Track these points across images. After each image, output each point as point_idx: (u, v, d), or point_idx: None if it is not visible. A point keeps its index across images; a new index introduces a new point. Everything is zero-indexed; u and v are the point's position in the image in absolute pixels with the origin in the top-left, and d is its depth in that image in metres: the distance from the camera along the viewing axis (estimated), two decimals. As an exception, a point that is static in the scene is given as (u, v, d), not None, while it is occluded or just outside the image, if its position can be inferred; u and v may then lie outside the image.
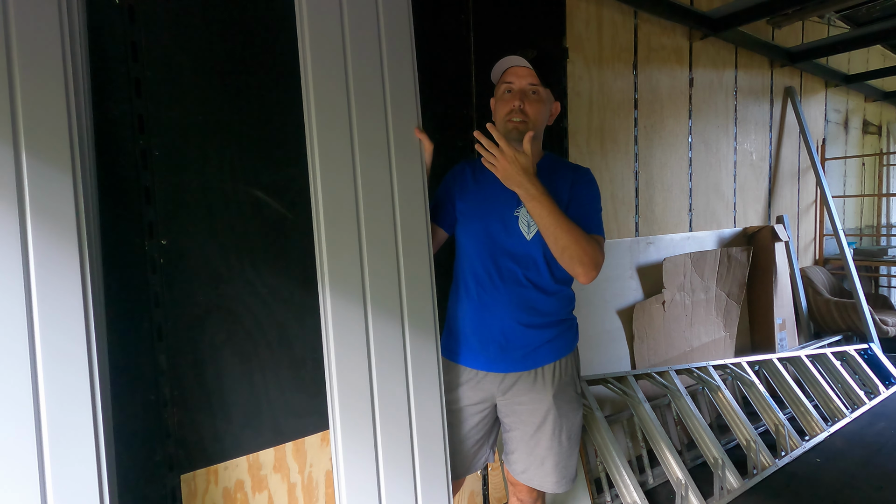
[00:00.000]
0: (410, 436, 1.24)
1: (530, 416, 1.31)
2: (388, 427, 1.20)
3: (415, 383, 1.24)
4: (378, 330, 1.20)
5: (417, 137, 1.28)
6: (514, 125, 1.23)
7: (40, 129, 0.93)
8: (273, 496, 1.44)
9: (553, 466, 1.32)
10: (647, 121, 2.73)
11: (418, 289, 1.26)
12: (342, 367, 1.15)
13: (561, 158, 1.38)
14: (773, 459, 2.42)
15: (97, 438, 0.92)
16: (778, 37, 3.60)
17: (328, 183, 1.15)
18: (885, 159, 5.31)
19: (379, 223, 1.21)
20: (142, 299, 1.22)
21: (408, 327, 1.24)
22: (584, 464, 2.01)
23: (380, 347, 1.20)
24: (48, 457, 0.87)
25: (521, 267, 1.28)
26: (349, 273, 1.17)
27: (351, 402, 1.16)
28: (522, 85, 1.24)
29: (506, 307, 1.29)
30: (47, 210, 0.92)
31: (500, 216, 1.28)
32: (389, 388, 1.21)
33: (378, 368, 1.19)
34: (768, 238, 3.41)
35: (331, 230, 1.15)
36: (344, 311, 1.16)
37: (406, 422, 1.23)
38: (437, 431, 1.27)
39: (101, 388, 0.95)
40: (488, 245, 1.29)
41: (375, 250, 1.20)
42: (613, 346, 2.58)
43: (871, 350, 3.64)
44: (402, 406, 1.23)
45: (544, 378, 1.31)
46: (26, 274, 0.89)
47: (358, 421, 1.17)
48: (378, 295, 1.20)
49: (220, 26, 1.31)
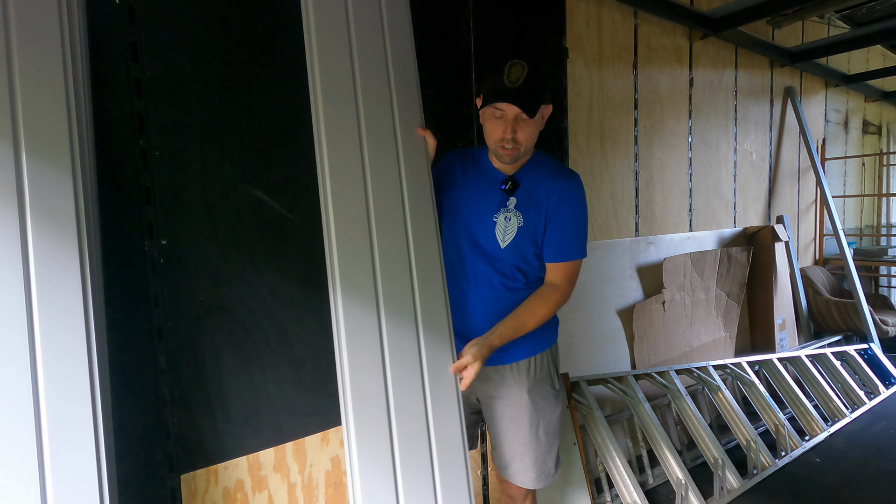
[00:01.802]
0: (430, 449, 1.16)
1: (506, 410, 1.33)
2: (406, 441, 1.13)
3: (432, 394, 1.18)
4: (391, 333, 1.16)
5: (421, 135, 1.28)
6: (507, 152, 1.20)
7: (40, 129, 0.93)
8: (273, 496, 1.44)
9: (532, 462, 1.33)
10: (647, 121, 2.73)
11: (430, 290, 1.22)
12: (355, 373, 1.10)
13: (549, 159, 1.33)
14: (773, 459, 2.42)
15: (97, 438, 0.92)
16: (778, 37, 3.60)
17: (337, 186, 1.14)
18: (885, 159, 5.31)
19: (389, 223, 1.19)
20: (142, 299, 1.22)
21: (422, 329, 1.19)
22: (584, 464, 2.01)
23: (394, 350, 1.15)
24: (48, 457, 0.87)
25: (496, 270, 1.29)
26: (361, 276, 1.14)
27: (365, 409, 1.10)
28: (514, 113, 1.16)
29: (479, 306, 1.30)
30: (47, 210, 0.92)
31: (479, 218, 1.29)
32: (405, 398, 1.15)
33: (393, 375, 1.14)
34: (768, 238, 3.41)
35: (341, 232, 1.13)
36: (356, 315, 1.12)
37: (424, 432, 1.16)
38: (457, 445, 1.19)
39: (101, 388, 0.95)
40: (466, 243, 1.30)
41: (387, 251, 1.17)
42: (613, 346, 2.58)
43: (871, 350, 3.64)
44: (419, 416, 1.16)
45: (519, 373, 1.32)
46: (26, 274, 0.88)
47: (373, 429, 1.10)
48: (390, 297, 1.16)
49: (220, 26, 1.31)
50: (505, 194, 1.27)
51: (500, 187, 1.28)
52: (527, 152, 1.25)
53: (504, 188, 1.27)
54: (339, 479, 1.57)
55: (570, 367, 2.33)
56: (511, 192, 1.27)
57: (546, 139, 2.21)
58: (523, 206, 1.26)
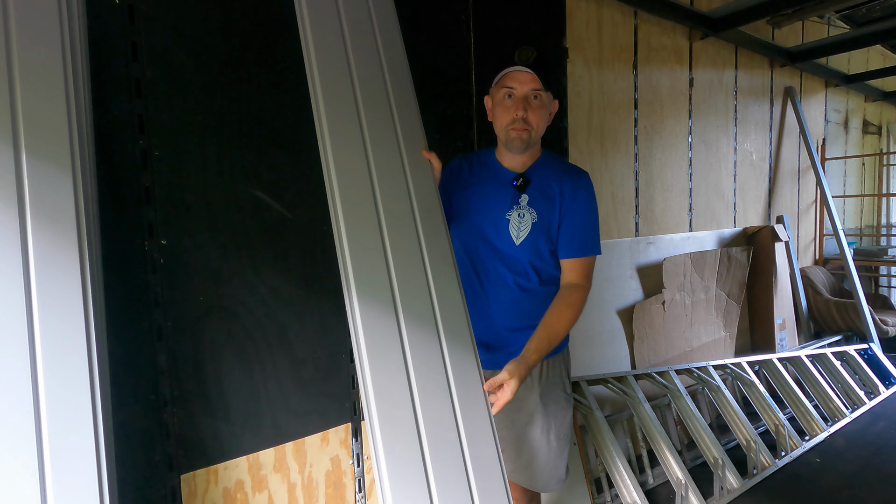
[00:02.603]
0: (463, 457, 1.05)
1: (517, 414, 1.31)
2: (437, 446, 1.03)
3: (461, 401, 1.08)
4: (413, 339, 1.08)
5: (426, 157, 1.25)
6: (518, 134, 1.20)
7: (40, 129, 0.92)
8: (273, 496, 1.44)
9: (542, 466, 1.32)
10: (647, 121, 2.73)
11: (448, 295, 1.16)
12: (377, 376, 1.02)
13: (558, 158, 1.35)
14: (773, 459, 2.42)
15: (97, 438, 0.92)
16: (778, 37, 3.60)
17: (345, 189, 1.11)
18: (885, 159, 5.31)
19: (400, 227, 1.15)
20: (142, 299, 1.22)
21: (443, 334, 1.12)
22: (584, 464, 2.01)
23: (417, 359, 1.07)
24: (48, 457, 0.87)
25: (509, 270, 1.27)
26: (375, 281, 1.08)
27: (390, 413, 1.00)
28: (525, 91, 1.18)
29: (493, 309, 1.28)
30: (47, 210, 0.92)
31: (492, 217, 1.27)
32: (433, 407, 1.05)
33: (419, 384, 1.05)
34: (768, 238, 3.41)
35: (353, 237, 1.08)
36: (374, 322, 1.05)
37: (456, 441, 1.05)
38: (492, 452, 1.09)
39: (101, 388, 0.94)
40: (479, 244, 1.29)
41: (400, 257, 1.12)
42: (613, 346, 2.58)
43: (871, 350, 3.64)
44: (449, 424, 1.06)
45: (531, 377, 1.30)
46: (26, 274, 0.88)
47: (400, 435, 1.00)
48: (409, 301, 1.10)
49: (220, 26, 1.31)
50: (516, 191, 1.26)
51: (512, 184, 1.26)
52: (536, 141, 1.25)
53: (515, 184, 1.26)
54: (339, 479, 1.57)
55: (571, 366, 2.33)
56: (522, 190, 1.25)
57: (546, 139, 2.20)
58: (536, 202, 1.24)
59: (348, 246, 1.08)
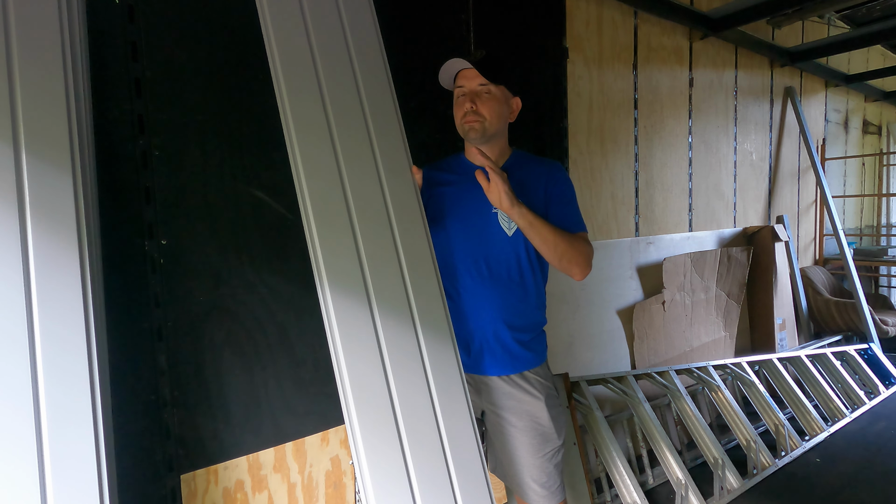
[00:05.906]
0: (442, 447, 1.10)
1: (515, 417, 1.30)
2: (415, 437, 1.08)
3: (439, 394, 1.12)
4: (389, 332, 1.11)
5: (400, 140, 1.27)
6: (471, 126, 1.24)
7: (40, 130, 0.93)
8: (273, 496, 1.44)
9: (537, 474, 1.30)
10: (647, 121, 2.73)
11: (422, 281, 1.18)
12: (353, 368, 1.06)
13: (528, 154, 1.37)
14: (773, 459, 2.42)
15: (97, 438, 0.92)
16: (778, 37, 3.60)
17: (315, 192, 1.12)
18: (885, 159, 5.31)
19: (374, 224, 1.17)
20: (142, 299, 1.22)
21: (420, 329, 1.15)
22: (584, 464, 2.01)
23: (393, 351, 1.11)
24: (48, 457, 0.87)
25: (502, 267, 1.27)
26: (348, 272, 1.12)
27: (368, 407, 1.05)
28: (473, 86, 1.24)
29: (485, 304, 1.28)
30: (47, 210, 0.92)
31: (480, 212, 1.27)
32: (412, 399, 1.10)
33: (396, 376, 1.09)
34: (768, 238, 3.42)
35: (322, 230, 1.11)
36: (349, 315, 1.09)
37: (434, 429, 1.11)
38: (471, 444, 1.14)
39: (101, 388, 0.94)
40: (467, 245, 1.29)
41: (374, 254, 1.15)
42: (613, 346, 2.58)
43: (871, 350, 3.64)
44: (426, 412, 1.10)
45: (531, 384, 1.30)
46: (26, 274, 0.88)
47: (379, 428, 1.05)
48: (381, 291, 1.12)
49: (220, 26, 1.31)
50: None
51: None
52: (494, 132, 1.26)
53: None
54: (338, 479, 1.57)
55: (570, 367, 2.33)
56: None
57: (546, 139, 2.21)
58: (520, 195, 1.24)
59: (319, 243, 1.11)
